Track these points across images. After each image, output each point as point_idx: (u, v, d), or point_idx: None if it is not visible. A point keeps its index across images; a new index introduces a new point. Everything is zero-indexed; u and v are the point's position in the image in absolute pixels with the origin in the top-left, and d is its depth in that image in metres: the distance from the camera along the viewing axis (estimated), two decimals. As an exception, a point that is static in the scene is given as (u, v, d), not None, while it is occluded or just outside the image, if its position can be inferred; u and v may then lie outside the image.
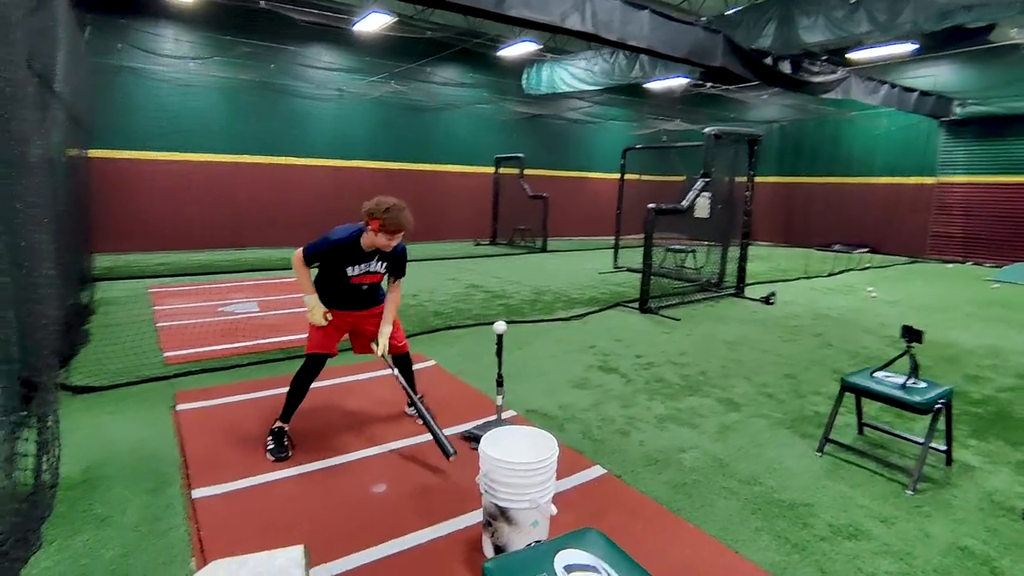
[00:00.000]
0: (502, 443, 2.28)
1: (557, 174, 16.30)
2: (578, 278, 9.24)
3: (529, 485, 2.16)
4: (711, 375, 4.55)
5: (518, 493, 2.15)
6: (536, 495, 2.16)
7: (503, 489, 2.16)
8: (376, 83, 12.61)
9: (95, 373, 4.11)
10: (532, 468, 2.14)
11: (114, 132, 10.10)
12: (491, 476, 2.18)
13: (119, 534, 2.32)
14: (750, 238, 7.91)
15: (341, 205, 12.94)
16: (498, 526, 2.20)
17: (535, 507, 2.16)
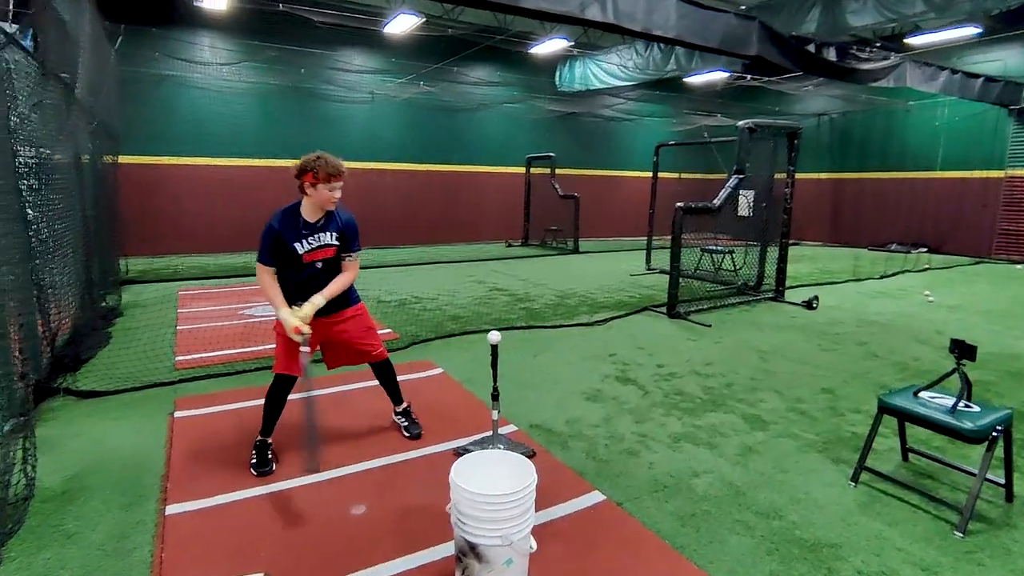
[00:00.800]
0: (475, 470, 2.07)
1: (592, 173, 15.95)
2: (607, 280, 8.91)
3: (501, 520, 1.93)
4: (738, 388, 4.19)
5: (489, 528, 1.93)
6: (509, 531, 1.93)
7: (472, 523, 1.94)
8: (406, 84, 12.61)
9: (105, 377, 4.13)
10: (503, 502, 1.92)
11: (153, 138, 10.44)
12: (460, 507, 1.97)
13: (82, 553, 2.23)
14: (790, 238, 7.39)
15: (372, 206, 13.06)
16: (468, 563, 1.98)
17: (508, 544, 1.93)
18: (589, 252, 12.76)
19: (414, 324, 5.88)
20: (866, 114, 14.57)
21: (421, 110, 13.28)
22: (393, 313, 6.42)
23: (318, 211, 2.87)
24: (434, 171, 13.87)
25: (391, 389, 3.33)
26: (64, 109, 5.14)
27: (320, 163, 2.76)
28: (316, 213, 2.87)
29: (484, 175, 14.54)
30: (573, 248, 12.84)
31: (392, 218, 13.35)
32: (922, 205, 13.70)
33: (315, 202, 2.82)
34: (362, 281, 8.41)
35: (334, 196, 2.83)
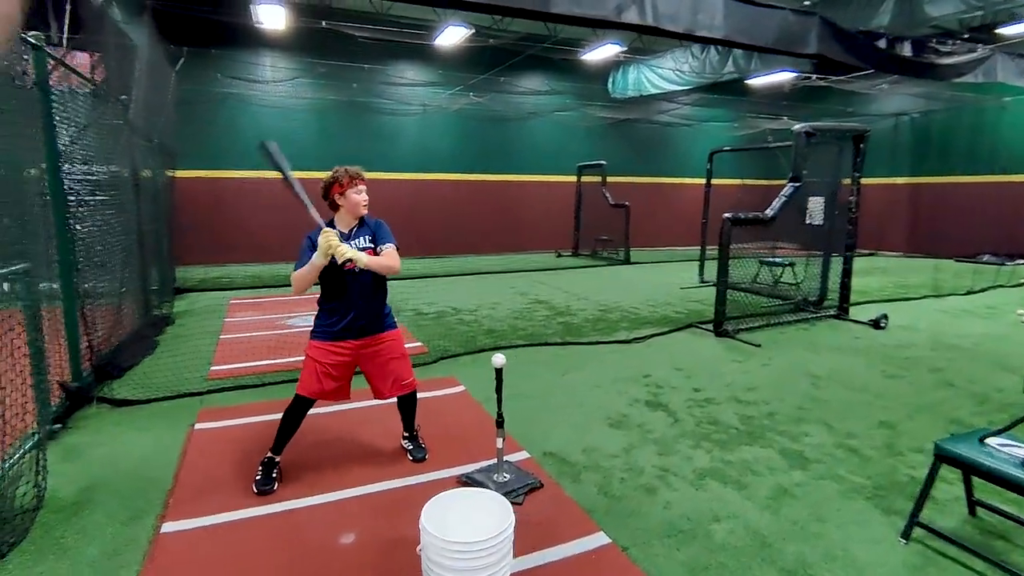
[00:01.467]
0: (447, 513, 1.91)
1: (646, 181, 15.49)
2: (655, 294, 8.52)
3: (473, 569, 1.77)
4: (781, 418, 3.81)
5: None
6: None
7: (441, 571, 1.79)
8: (457, 95, 12.73)
9: (141, 386, 4.29)
10: (474, 550, 1.75)
11: (217, 154, 11.04)
12: (428, 554, 1.82)
13: (72, 570, 2.25)
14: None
15: (424, 217, 13.25)
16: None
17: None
18: (640, 263, 12.33)
19: (446, 338, 5.81)
20: (950, 113, 13.33)
21: (471, 121, 13.35)
22: (429, 326, 6.38)
23: (351, 220, 2.92)
24: (484, 181, 13.90)
25: (408, 417, 3.24)
26: (120, 129, 5.46)
27: (340, 172, 2.87)
28: (349, 223, 2.92)
29: (534, 184, 14.43)
30: (623, 259, 12.46)
31: (442, 228, 13.48)
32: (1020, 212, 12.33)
33: (347, 210, 2.88)
34: (406, 292, 8.51)
35: (363, 199, 2.89)
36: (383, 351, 2.99)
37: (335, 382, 2.93)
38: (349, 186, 2.83)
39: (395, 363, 3.03)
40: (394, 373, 3.03)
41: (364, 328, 2.92)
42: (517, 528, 2.52)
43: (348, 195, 2.83)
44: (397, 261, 2.86)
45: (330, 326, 2.88)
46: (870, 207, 14.84)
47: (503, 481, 2.86)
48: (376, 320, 2.96)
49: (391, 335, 3.03)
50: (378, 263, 2.78)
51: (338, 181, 2.83)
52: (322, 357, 2.86)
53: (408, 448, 3.24)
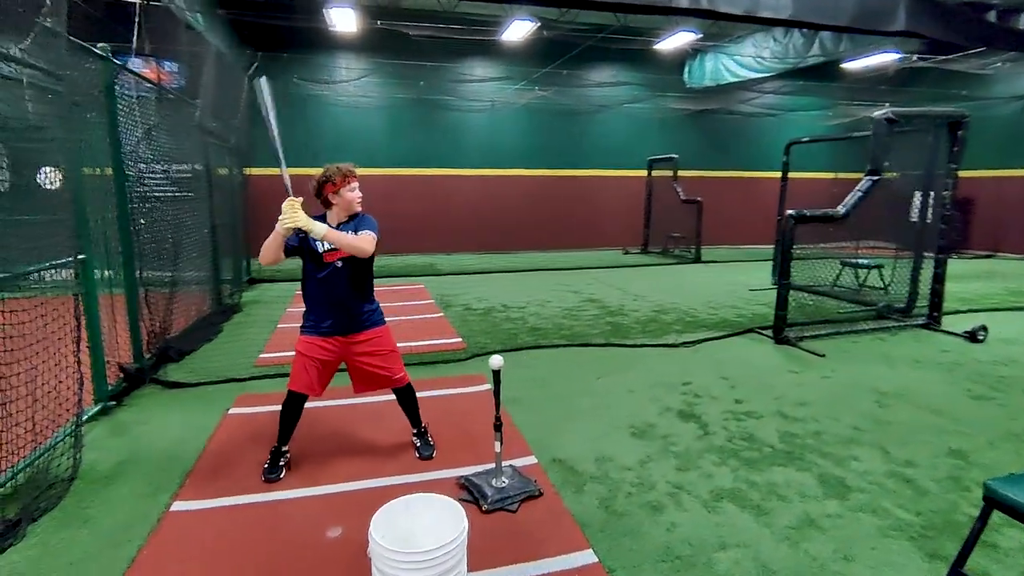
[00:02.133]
0: (399, 518, 1.86)
1: (724, 175, 14.65)
2: (719, 295, 8.02)
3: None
4: (828, 438, 3.42)
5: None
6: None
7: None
8: (524, 90, 12.67)
9: (196, 370, 4.62)
10: (411, 560, 1.69)
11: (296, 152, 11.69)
12: (374, 559, 1.78)
13: (89, 539, 2.43)
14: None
15: (491, 213, 13.33)
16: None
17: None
18: (712, 262, 11.68)
19: (487, 335, 5.78)
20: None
21: (539, 115, 13.23)
22: (474, 322, 6.39)
23: (342, 217, 2.92)
24: (552, 176, 13.75)
25: (410, 412, 3.24)
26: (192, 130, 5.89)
27: (333, 171, 2.87)
28: (340, 219, 2.92)
29: (603, 179, 14.07)
30: (694, 257, 11.86)
31: (508, 225, 13.50)
32: None
33: (342, 207, 2.89)
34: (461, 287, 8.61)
35: (357, 196, 2.90)
36: (370, 347, 2.99)
37: (324, 377, 2.97)
38: (343, 184, 2.83)
39: (385, 358, 3.02)
40: (383, 368, 3.02)
41: (347, 325, 2.93)
42: (502, 537, 2.44)
43: (343, 193, 2.84)
44: (366, 243, 2.77)
45: (316, 322, 2.92)
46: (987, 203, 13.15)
47: (501, 486, 2.78)
48: (358, 317, 2.96)
49: (378, 331, 3.02)
50: (339, 236, 2.72)
51: (331, 180, 2.82)
52: (311, 352, 2.90)
53: (416, 445, 3.23)
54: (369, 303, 3.02)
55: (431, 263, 11.45)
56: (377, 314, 3.06)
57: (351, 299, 2.91)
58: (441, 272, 10.31)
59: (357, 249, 2.75)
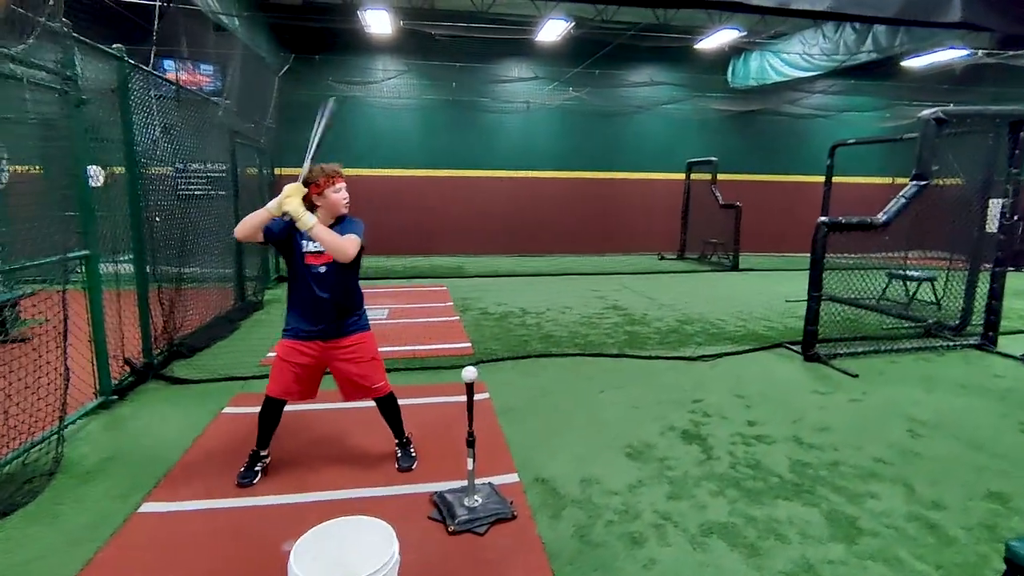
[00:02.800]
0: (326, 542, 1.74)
1: (768, 179, 14.01)
2: (752, 305, 7.60)
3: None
4: (846, 470, 3.10)
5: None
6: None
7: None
8: (558, 91, 12.47)
9: (200, 367, 4.67)
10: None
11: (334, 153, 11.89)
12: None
13: (53, 536, 2.43)
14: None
15: (525, 216, 13.19)
16: (301, 654, 1.66)
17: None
18: (750, 270, 11.15)
19: (498, 341, 5.64)
20: None
21: (575, 116, 13.00)
22: (487, 327, 6.25)
23: (329, 220, 2.79)
24: (587, 178, 13.49)
25: (392, 423, 3.12)
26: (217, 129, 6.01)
27: (316, 172, 2.73)
28: (326, 222, 2.78)
29: (640, 182, 13.69)
30: (731, 264, 11.35)
31: (542, 227, 13.33)
32: None
33: (327, 209, 2.76)
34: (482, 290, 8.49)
35: (342, 197, 2.78)
36: (350, 354, 2.89)
37: (301, 382, 2.88)
38: (327, 185, 2.71)
39: (363, 366, 2.91)
40: (361, 377, 2.91)
41: (329, 330, 2.84)
42: (463, 562, 2.29)
43: (327, 195, 2.72)
44: (349, 246, 2.65)
45: (296, 326, 2.84)
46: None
47: (472, 506, 2.63)
48: (342, 322, 2.86)
49: (360, 338, 2.92)
50: (324, 233, 2.61)
51: (314, 182, 2.69)
52: (289, 356, 2.83)
53: (397, 456, 3.12)
54: (356, 308, 2.93)
55: (460, 265, 11.40)
56: (363, 320, 2.97)
57: (334, 304, 2.82)
58: (467, 274, 10.24)
59: (338, 249, 2.63)
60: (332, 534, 1.82)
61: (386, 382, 3.02)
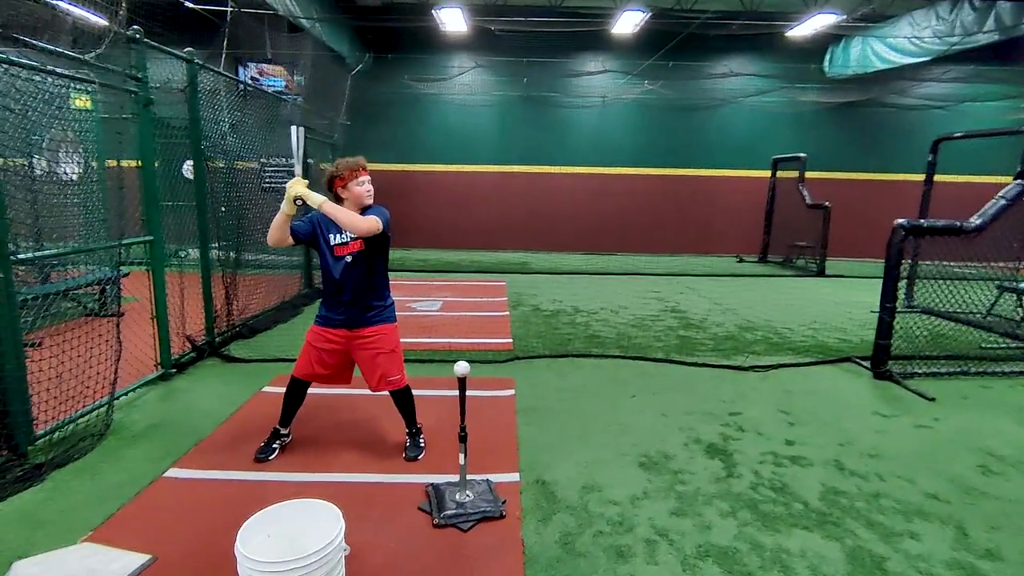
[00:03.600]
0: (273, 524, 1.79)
1: (866, 177, 12.75)
2: (830, 314, 6.96)
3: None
4: (887, 504, 2.75)
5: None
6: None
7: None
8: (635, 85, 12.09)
9: (256, 347, 5.01)
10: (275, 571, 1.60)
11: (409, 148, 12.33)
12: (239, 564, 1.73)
13: (87, 491, 2.71)
14: None
15: (597, 212, 12.95)
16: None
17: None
18: (838, 276, 10.21)
19: (540, 338, 5.57)
20: None
21: (652, 110, 12.53)
22: (535, 323, 6.20)
23: (356, 210, 2.86)
24: (664, 175, 12.97)
25: (405, 413, 3.18)
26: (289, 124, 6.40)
27: (340, 166, 2.85)
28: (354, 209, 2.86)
29: (721, 179, 12.96)
30: (817, 269, 10.45)
31: (616, 225, 13.02)
32: None
33: (352, 202, 2.85)
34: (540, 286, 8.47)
35: (366, 190, 2.86)
36: (370, 344, 2.96)
37: (326, 368, 3.00)
38: (351, 178, 2.81)
39: (382, 358, 2.97)
40: (380, 368, 2.98)
41: (352, 319, 2.93)
42: (437, 556, 2.29)
43: (351, 188, 2.82)
44: (367, 223, 2.71)
45: (325, 314, 2.96)
46: None
47: (463, 501, 2.62)
48: (365, 313, 2.94)
49: (381, 329, 2.98)
50: (336, 209, 2.69)
51: (339, 176, 2.81)
52: (316, 342, 2.96)
53: (405, 445, 3.17)
54: (380, 299, 3.00)
55: (525, 261, 11.41)
56: (387, 311, 3.03)
57: (361, 294, 2.91)
58: (531, 270, 10.22)
59: (352, 224, 2.71)
60: (282, 515, 1.88)
61: (403, 375, 3.07)
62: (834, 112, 12.45)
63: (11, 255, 2.80)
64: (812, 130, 12.53)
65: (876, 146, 12.62)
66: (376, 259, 2.92)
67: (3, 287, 2.77)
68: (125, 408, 3.64)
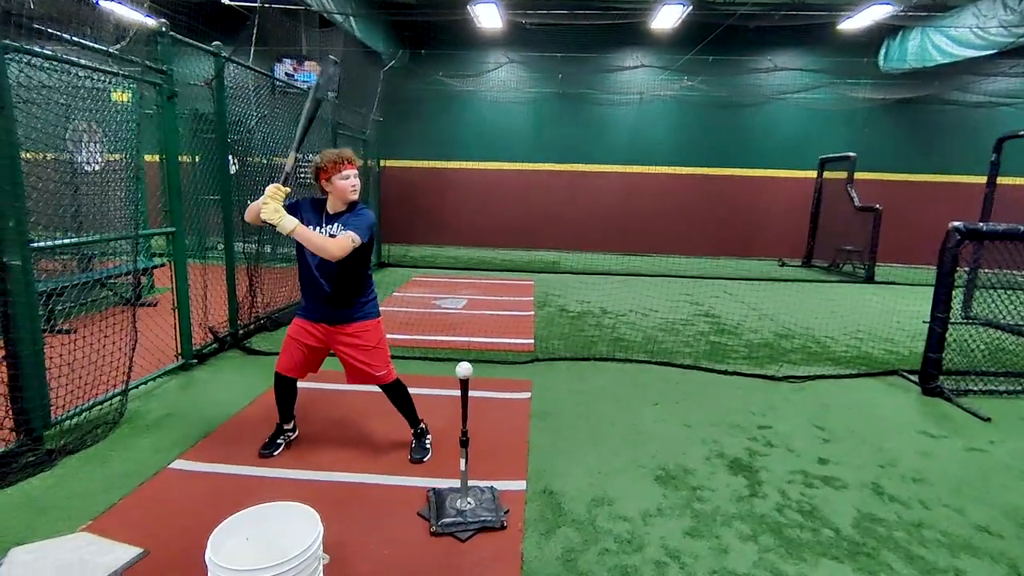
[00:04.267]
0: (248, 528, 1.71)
1: (921, 179, 12.00)
2: (877, 324, 6.53)
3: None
4: (931, 535, 2.48)
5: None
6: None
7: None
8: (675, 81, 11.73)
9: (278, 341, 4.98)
10: None
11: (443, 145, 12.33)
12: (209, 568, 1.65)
13: (93, 479, 2.72)
14: None
15: (632, 212, 12.64)
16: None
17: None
18: (888, 283, 9.64)
19: (564, 340, 5.41)
20: None
21: (692, 108, 12.13)
22: (560, 324, 6.04)
23: (340, 206, 2.79)
24: (702, 175, 12.54)
25: (403, 411, 3.08)
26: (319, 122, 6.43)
27: (325, 158, 2.71)
28: (337, 208, 2.79)
29: (763, 180, 12.44)
30: (866, 276, 9.89)
31: (651, 226, 12.67)
32: None
33: (337, 196, 2.74)
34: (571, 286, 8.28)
35: (350, 184, 2.72)
36: (352, 340, 2.87)
37: (304, 359, 2.93)
38: (334, 172, 2.67)
39: (366, 353, 2.88)
40: (364, 364, 2.89)
41: (331, 315, 2.84)
42: (430, 566, 2.18)
43: (334, 182, 2.69)
44: (336, 247, 2.54)
45: (305, 307, 2.91)
46: None
47: (463, 509, 2.50)
48: (346, 309, 2.84)
49: (363, 326, 2.88)
50: (307, 235, 2.53)
51: (323, 168, 2.68)
52: (298, 335, 2.90)
53: (411, 447, 3.08)
54: (360, 296, 2.88)
55: (556, 260, 11.23)
56: (369, 307, 2.94)
57: (339, 291, 2.81)
58: (561, 270, 10.05)
59: (322, 250, 2.54)
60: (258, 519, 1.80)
61: (390, 370, 2.98)
62: (888, 109, 11.77)
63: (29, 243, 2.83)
64: (863, 128, 11.88)
65: (933, 145, 11.86)
66: (356, 254, 2.70)
67: (22, 274, 2.81)
68: (143, 397, 3.68)
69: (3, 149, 2.65)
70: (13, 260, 2.74)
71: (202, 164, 5.03)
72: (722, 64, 11.21)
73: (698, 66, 11.26)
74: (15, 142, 2.72)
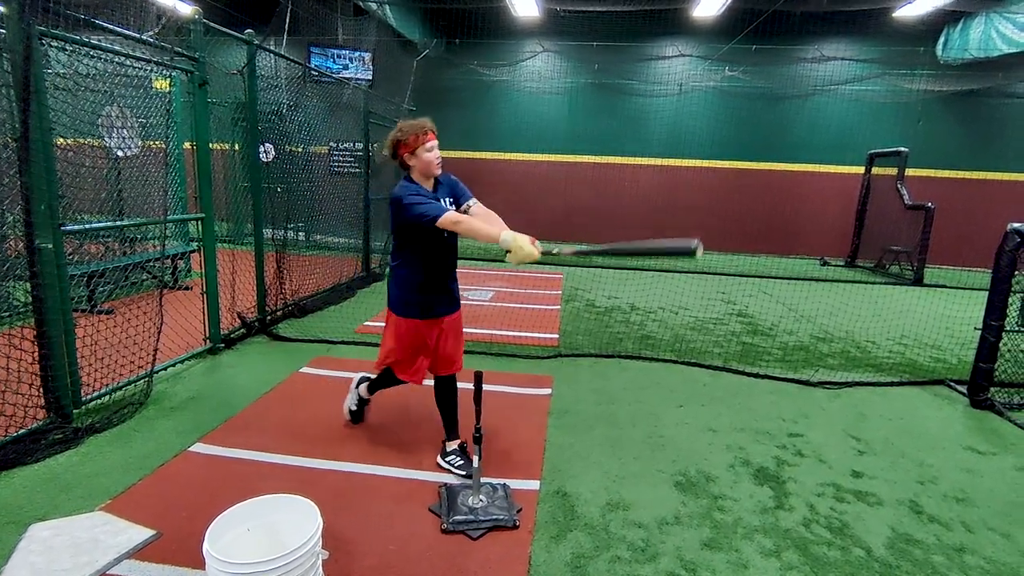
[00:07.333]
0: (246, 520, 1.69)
1: (979, 176, 11.31)
2: (924, 329, 6.18)
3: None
4: (973, 560, 2.30)
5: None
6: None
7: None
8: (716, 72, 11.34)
9: (304, 328, 5.08)
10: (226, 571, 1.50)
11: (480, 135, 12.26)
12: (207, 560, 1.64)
13: (116, 459, 2.78)
14: None
15: (669, 206, 12.35)
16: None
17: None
18: (938, 286, 9.12)
19: (588, 335, 5.31)
20: None
21: (734, 99, 11.72)
22: (587, 320, 5.93)
23: (427, 181, 2.68)
24: (743, 169, 12.14)
25: (448, 414, 2.89)
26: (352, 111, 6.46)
27: (403, 131, 2.57)
28: (426, 183, 2.68)
29: (809, 175, 11.95)
30: (915, 278, 9.39)
31: (686, 220, 12.34)
32: None
33: (421, 170, 2.61)
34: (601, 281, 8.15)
35: (435, 156, 2.61)
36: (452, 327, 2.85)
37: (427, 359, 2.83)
38: (417, 144, 2.53)
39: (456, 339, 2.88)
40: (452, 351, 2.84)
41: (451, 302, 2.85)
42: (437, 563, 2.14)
43: (419, 154, 2.55)
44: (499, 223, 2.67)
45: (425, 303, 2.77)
46: None
47: (475, 506, 2.45)
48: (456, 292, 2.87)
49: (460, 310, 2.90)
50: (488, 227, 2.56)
51: (403, 142, 2.54)
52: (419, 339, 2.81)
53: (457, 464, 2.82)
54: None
55: (588, 254, 11.05)
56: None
57: (454, 273, 2.82)
58: (592, 264, 9.87)
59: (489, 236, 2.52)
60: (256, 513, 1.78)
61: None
62: (944, 102, 11.11)
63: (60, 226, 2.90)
64: (916, 122, 11.25)
65: (993, 141, 11.15)
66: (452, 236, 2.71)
67: (53, 257, 2.88)
68: (171, 379, 3.76)
69: (36, 135, 2.71)
70: (45, 243, 2.81)
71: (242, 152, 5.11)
72: (766, 53, 10.77)
73: (740, 55, 10.86)
74: (48, 128, 2.78)
